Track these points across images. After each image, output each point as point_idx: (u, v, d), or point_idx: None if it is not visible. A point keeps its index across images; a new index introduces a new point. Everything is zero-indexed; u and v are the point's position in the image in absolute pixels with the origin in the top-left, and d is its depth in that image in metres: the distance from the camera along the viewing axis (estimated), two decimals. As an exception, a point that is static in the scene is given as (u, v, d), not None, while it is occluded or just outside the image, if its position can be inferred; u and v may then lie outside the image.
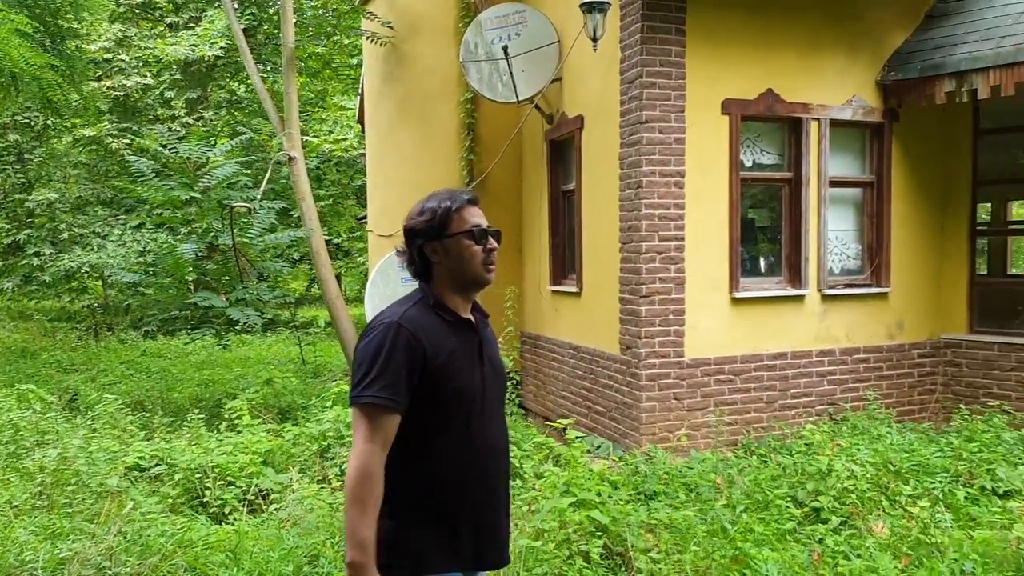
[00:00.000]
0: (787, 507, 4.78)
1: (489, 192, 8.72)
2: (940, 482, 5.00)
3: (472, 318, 2.24)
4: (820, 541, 4.31)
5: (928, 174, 7.35)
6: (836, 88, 6.91)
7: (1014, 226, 8.34)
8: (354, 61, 16.20)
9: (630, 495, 5.22)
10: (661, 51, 6.26)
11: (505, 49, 7.40)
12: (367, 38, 9.12)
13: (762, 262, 7.04)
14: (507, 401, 7.19)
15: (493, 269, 2.20)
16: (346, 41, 14.89)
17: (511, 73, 7.45)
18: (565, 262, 7.91)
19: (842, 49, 6.91)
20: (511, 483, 2.45)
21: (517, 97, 7.54)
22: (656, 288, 6.30)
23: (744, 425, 6.54)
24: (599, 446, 6.47)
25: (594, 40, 6.13)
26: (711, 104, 6.46)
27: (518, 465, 5.28)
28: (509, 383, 7.29)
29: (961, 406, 6.87)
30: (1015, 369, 6.93)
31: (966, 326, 7.34)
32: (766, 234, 7.14)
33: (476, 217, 2.20)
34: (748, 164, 6.78)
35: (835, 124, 6.95)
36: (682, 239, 6.38)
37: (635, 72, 6.28)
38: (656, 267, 6.31)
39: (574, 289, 7.43)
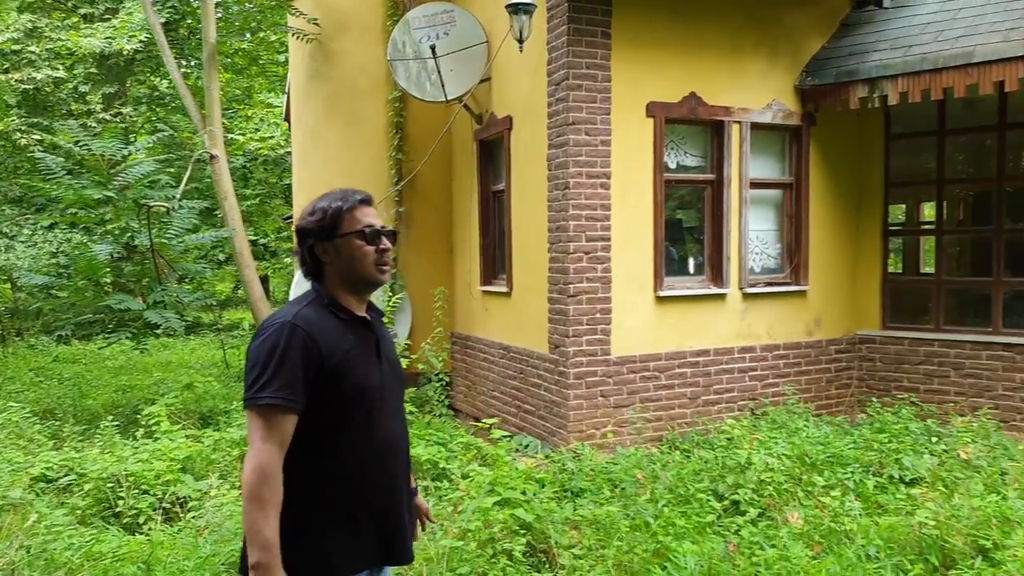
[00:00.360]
0: (708, 500, 4.90)
1: (419, 191, 8.68)
2: (852, 472, 5.20)
3: (368, 316, 2.23)
4: (738, 533, 4.43)
5: (844, 176, 7.63)
6: (757, 92, 7.11)
7: (925, 226, 8.71)
8: (282, 58, 15.87)
9: (556, 492, 5.27)
10: (587, 53, 6.33)
11: (433, 48, 7.38)
12: (293, 35, 8.96)
13: (686, 262, 7.20)
14: (438, 402, 7.19)
15: (386, 270, 2.19)
16: (273, 37, 14.58)
17: (439, 72, 7.42)
18: (496, 262, 7.93)
19: (763, 54, 7.12)
20: (418, 481, 2.45)
21: (446, 96, 7.52)
22: (584, 287, 6.37)
23: (669, 421, 6.67)
24: (527, 445, 6.51)
25: (520, 41, 6.16)
26: (636, 107, 6.57)
27: (445, 466, 5.26)
28: (440, 384, 7.26)
29: (873, 399, 7.16)
30: (923, 363, 7.26)
31: (879, 322, 7.66)
32: (690, 234, 7.30)
33: (369, 217, 2.18)
34: (672, 166, 6.92)
35: (756, 127, 7.15)
36: (608, 239, 6.46)
37: (562, 74, 6.34)
38: (583, 267, 6.38)
39: (504, 289, 7.46)
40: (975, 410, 6.65)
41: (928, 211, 9.70)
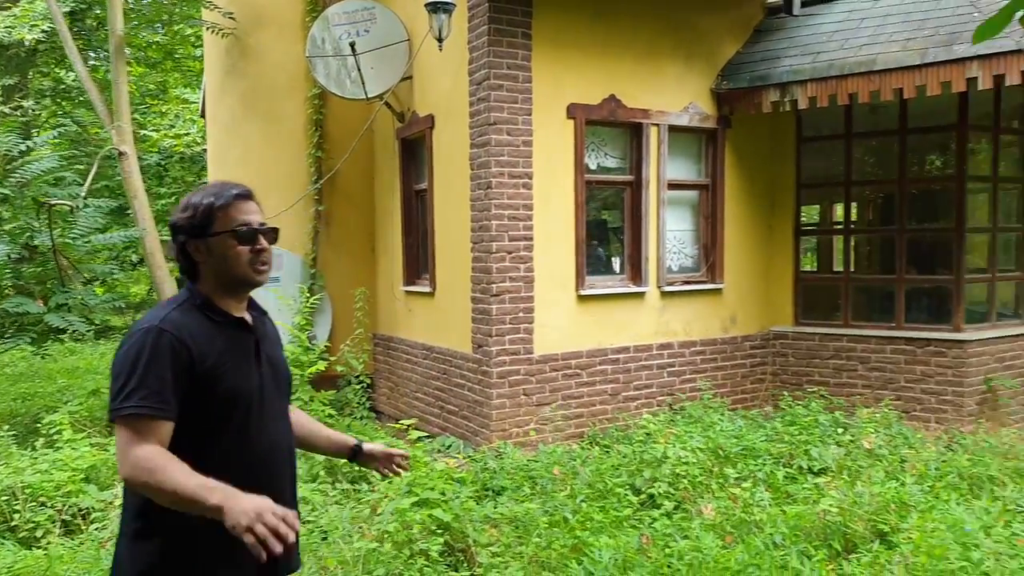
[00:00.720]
0: (626, 495, 4.99)
1: (340, 190, 8.55)
2: (763, 464, 5.37)
3: (247, 316, 2.14)
4: (652, 525, 4.52)
5: (758, 178, 7.88)
6: (674, 95, 7.27)
7: (834, 226, 9.04)
8: (198, 52, 15.39)
9: (477, 492, 5.28)
10: (508, 54, 6.36)
11: (353, 45, 7.28)
12: (207, 28, 8.70)
13: (607, 261, 7.31)
14: (359, 404, 7.10)
15: (264, 270, 2.09)
16: (188, 31, 14.13)
17: (360, 70, 7.33)
18: (418, 262, 7.89)
19: (680, 58, 7.29)
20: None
21: (366, 94, 7.43)
22: (506, 287, 6.40)
23: (590, 417, 6.76)
24: (450, 445, 6.50)
25: (439, 40, 6.14)
26: (557, 108, 6.63)
27: (363, 469, 5.19)
28: (360, 386, 7.17)
29: (786, 393, 7.41)
30: (833, 357, 7.55)
31: (792, 319, 7.93)
32: (611, 234, 7.41)
33: (245, 214, 2.06)
34: (593, 167, 7.02)
35: (673, 130, 7.31)
36: (531, 239, 6.51)
37: (483, 74, 6.35)
38: (506, 266, 6.40)
39: (427, 289, 7.42)
40: (879, 401, 6.96)
41: (838, 211, 10.08)
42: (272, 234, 2.12)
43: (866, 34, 7.00)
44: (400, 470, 2.51)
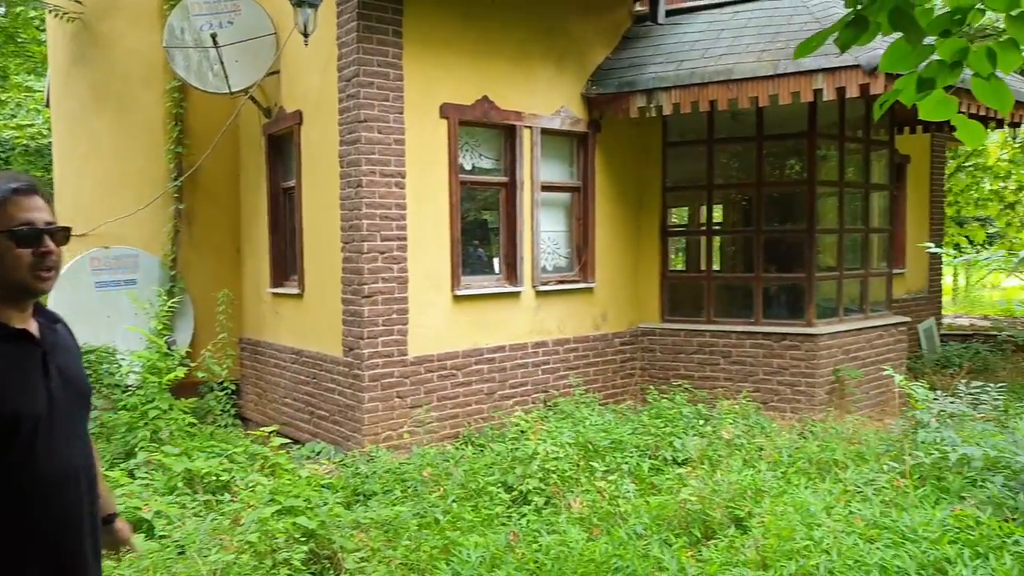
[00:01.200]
0: (498, 493, 5.02)
1: (202, 187, 8.17)
2: (630, 457, 5.53)
3: (32, 326, 1.90)
4: (520, 522, 4.56)
5: (627, 180, 8.12)
6: (546, 98, 7.39)
7: (698, 227, 9.42)
8: (43, 37, 14.32)
9: (347, 497, 5.16)
10: (378, 51, 6.26)
11: (214, 37, 6.96)
12: (50, 12, 8.09)
13: (483, 261, 7.33)
14: (222, 412, 6.79)
15: (48, 276, 1.84)
16: (32, 13, 13.11)
17: (223, 63, 7.02)
18: (287, 263, 7.64)
19: (551, 62, 7.41)
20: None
21: (230, 88, 7.13)
22: (379, 288, 6.29)
23: (466, 417, 6.76)
24: (320, 451, 6.33)
25: (305, 35, 5.97)
26: (430, 107, 6.60)
27: (226, 478, 4.98)
28: (224, 393, 6.86)
29: (653, 387, 7.68)
30: (697, 352, 7.89)
31: (659, 316, 8.23)
32: (486, 234, 7.45)
33: (27, 212, 1.81)
34: (468, 167, 7.02)
35: (546, 132, 7.43)
36: (404, 239, 6.43)
37: (352, 70, 6.22)
38: (379, 267, 6.30)
39: (296, 291, 7.20)
40: (740, 393, 7.32)
41: (702, 213, 10.52)
42: (62, 234, 1.88)
43: (725, 44, 7.36)
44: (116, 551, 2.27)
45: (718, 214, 9.11)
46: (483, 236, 7.44)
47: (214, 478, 4.95)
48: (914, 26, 2.21)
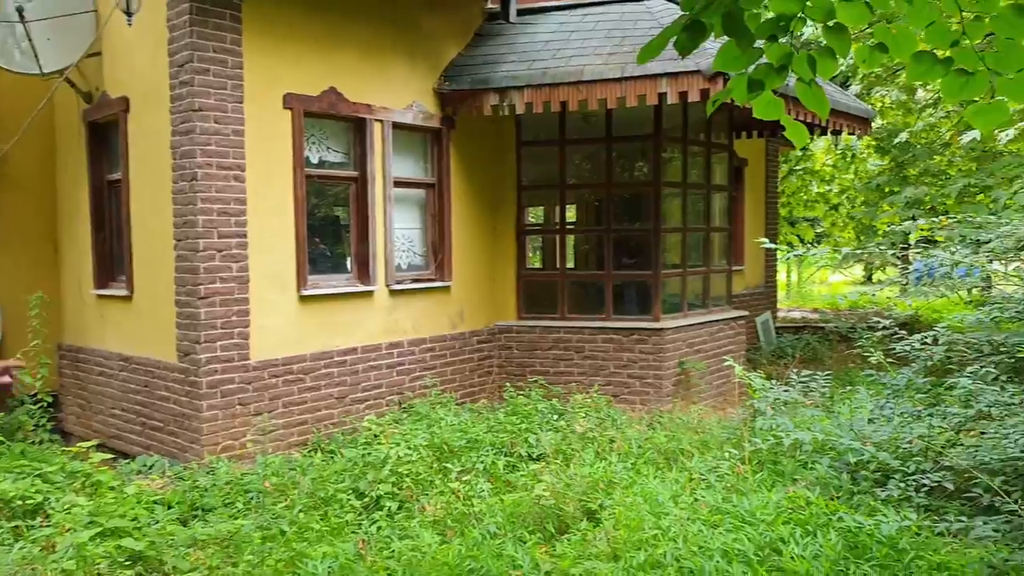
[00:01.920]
0: (349, 500, 4.81)
1: (10, 178, 7.35)
2: (486, 455, 5.47)
3: None
4: (371, 528, 4.38)
5: (482, 178, 8.09)
6: (398, 92, 7.22)
7: (552, 226, 9.53)
8: None
9: (184, 513, 4.79)
10: (214, 36, 5.87)
11: (20, 11, 6.27)
12: None
13: (332, 259, 7.06)
14: (36, 427, 6.14)
15: None
16: None
17: (31, 40, 6.34)
18: (113, 262, 7.02)
19: (402, 56, 7.24)
20: None
21: (41, 69, 6.45)
22: (217, 288, 5.89)
23: (316, 423, 6.47)
24: (152, 465, 5.84)
25: (128, 14, 5.51)
26: (272, 97, 6.26)
27: (42, 500, 4.47)
28: (38, 406, 6.20)
29: (510, 384, 7.68)
30: (552, 348, 7.97)
31: (515, 313, 8.25)
32: (336, 232, 7.17)
33: None
34: (315, 161, 6.73)
35: (398, 127, 7.25)
36: (245, 236, 6.06)
37: (186, 55, 5.79)
38: (216, 266, 5.90)
39: (124, 292, 6.62)
40: (592, 387, 7.46)
41: (556, 212, 10.67)
42: None
43: (575, 46, 7.48)
44: None
45: (571, 213, 9.27)
46: (333, 233, 7.16)
47: (23, 502, 4.43)
48: (744, 31, 2.28)
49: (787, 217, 17.48)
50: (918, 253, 6.41)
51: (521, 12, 8.25)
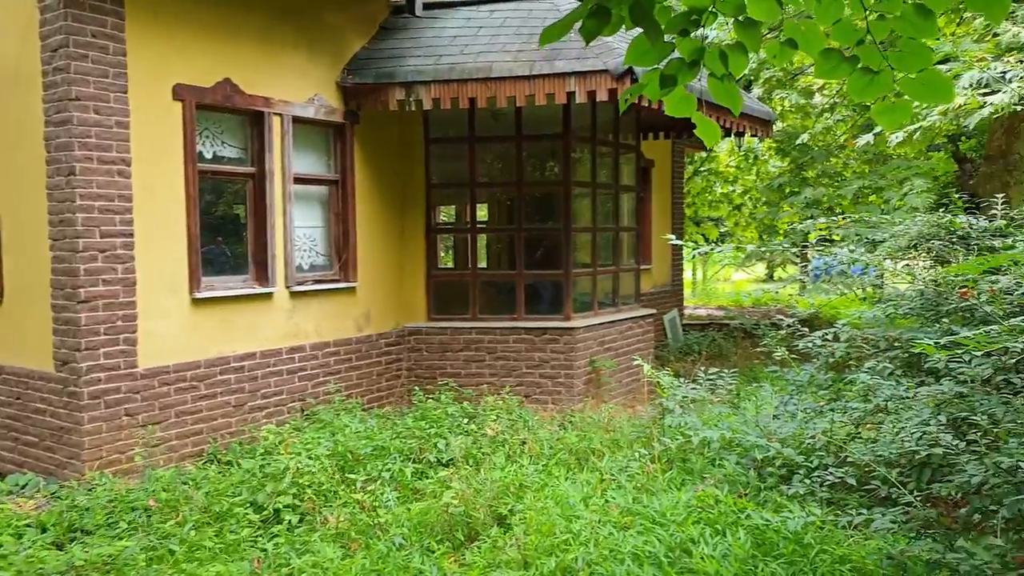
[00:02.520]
0: (246, 514, 4.53)
1: None
2: (392, 463, 5.27)
3: None
4: (271, 543, 4.13)
5: (389, 176, 7.86)
6: (298, 85, 6.92)
7: (462, 225, 9.39)
8: None
9: (60, 536, 4.40)
10: (93, 20, 5.45)
11: None
12: None
13: (228, 260, 6.69)
14: None
15: None
16: None
17: None
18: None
19: (302, 47, 6.95)
20: None
21: None
22: (99, 292, 5.47)
23: (211, 433, 6.11)
24: (25, 484, 5.37)
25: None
26: (161, 88, 5.87)
27: None
28: None
29: (419, 388, 7.49)
30: (463, 350, 7.82)
31: (425, 315, 8.06)
32: (232, 231, 6.82)
33: None
34: (209, 156, 6.37)
35: (298, 121, 6.95)
36: (131, 235, 5.66)
37: (60, 39, 5.35)
38: (99, 267, 5.48)
39: (-5, 297, 6.08)
40: (504, 389, 7.35)
41: (466, 211, 10.54)
42: None
43: (483, 42, 7.35)
44: None
45: (482, 212, 9.14)
46: (230, 233, 6.80)
47: None
48: (653, 23, 2.20)
49: (692, 217, 17.91)
50: (819, 251, 6.59)
51: (427, 6, 8.06)
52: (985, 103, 5.83)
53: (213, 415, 6.13)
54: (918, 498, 3.31)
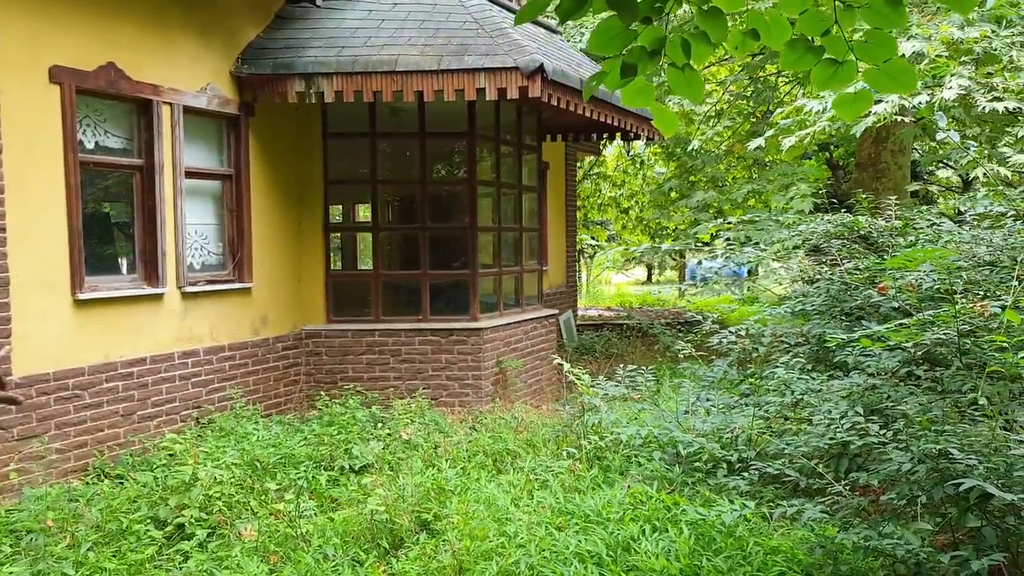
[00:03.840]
0: (147, 531, 4.18)
1: None
2: (304, 471, 5.02)
3: None
4: (186, 561, 3.83)
5: (285, 172, 7.52)
6: (189, 73, 6.50)
7: (364, 224, 9.12)
8: None
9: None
10: (-41, -12, 4.89)
11: None
12: None
13: (114, 258, 6.20)
14: None
15: None
16: None
17: None
18: None
19: (193, 33, 6.53)
20: None
21: None
22: (-34, 291, 4.91)
23: (97, 445, 5.61)
24: None
25: None
26: (36, 69, 5.35)
27: None
28: None
29: (322, 393, 7.20)
30: (366, 352, 7.58)
31: (324, 317, 7.77)
32: (118, 227, 6.32)
33: None
34: (90, 146, 5.86)
35: (189, 111, 6.54)
36: (3, 230, 5.12)
37: (-81, 9, 4.78)
38: (-35, 264, 4.92)
39: None
40: (412, 392, 7.19)
41: (366, 210, 10.27)
42: None
43: (387, 35, 7.16)
44: None
45: (384, 211, 8.91)
46: (116, 229, 6.30)
47: None
48: (629, 4, 2.16)
49: (581, 220, 18.26)
50: (723, 255, 6.84)
51: (327, -4, 7.78)
52: (870, 112, 6.20)
53: (99, 426, 5.64)
54: (846, 487, 3.45)
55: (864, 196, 5.84)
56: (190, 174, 6.56)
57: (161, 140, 6.23)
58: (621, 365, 6.52)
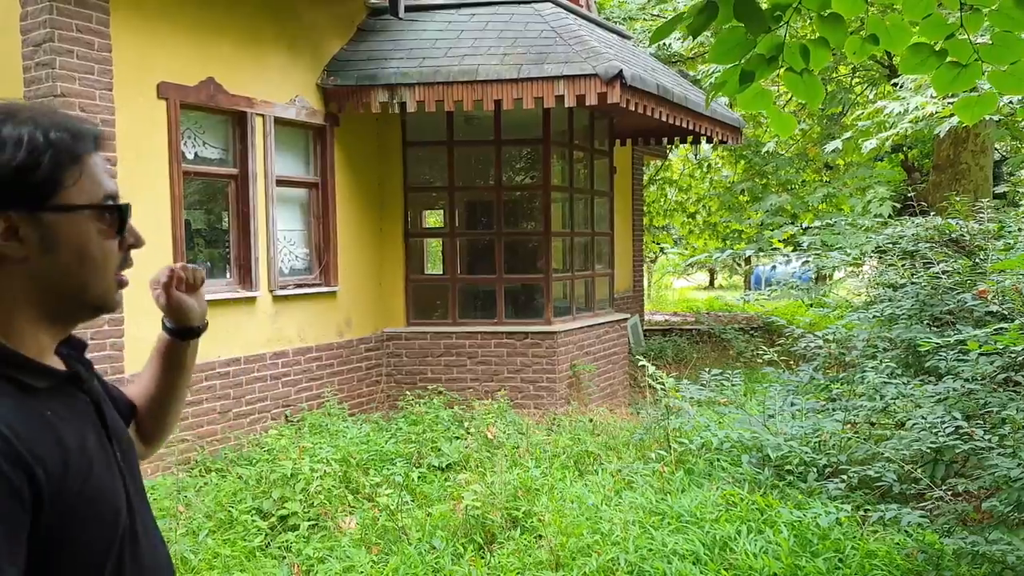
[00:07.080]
0: (253, 521, 4.41)
1: None
2: (397, 467, 5.21)
3: (74, 367, 1.18)
4: (289, 550, 4.04)
5: (367, 179, 7.77)
6: (280, 86, 6.79)
7: (441, 229, 9.34)
8: None
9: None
10: (78, 14, 5.24)
11: None
12: None
13: (213, 263, 6.51)
14: None
15: (127, 282, 1.23)
16: None
17: None
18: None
19: (283, 47, 6.83)
20: None
21: None
22: (84, 294, 5.25)
23: (198, 440, 5.92)
24: None
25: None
26: (145, 86, 5.69)
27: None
28: None
29: (406, 392, 7.42)
30: (444, 354, 7.77)
31: (404, 319, 7.99)
32: (215, 233, 6.64)
33: (107, 179, 1.15)
34: (191, 157, 6.19)
35: (280, 122, 6.82)
36: (116, 236, 5.44)
37: (44, 34, 5.13)
38: (83, 269, 5.25)
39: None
40: (488, 393, 7.34)
41: (438, 216, 10.47)
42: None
43: (466, 45, 7.35)
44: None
45: (460, 216, 9.11)
46: (212, 235, 6.62)
47: None
48: (758, 15, 2.25)
49: (647, 225, 18.23)
50: (801, 259, 6.81)
51: (406, 8, 8.01)
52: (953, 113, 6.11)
53: (200, 422, 5.95)
54: (947, 492, 3.45)
55: (957, 199, 5.76)
56: (280, 182, 6.84)
57: (254, 150, 6.52)
58: (698, 369, 6.55)
